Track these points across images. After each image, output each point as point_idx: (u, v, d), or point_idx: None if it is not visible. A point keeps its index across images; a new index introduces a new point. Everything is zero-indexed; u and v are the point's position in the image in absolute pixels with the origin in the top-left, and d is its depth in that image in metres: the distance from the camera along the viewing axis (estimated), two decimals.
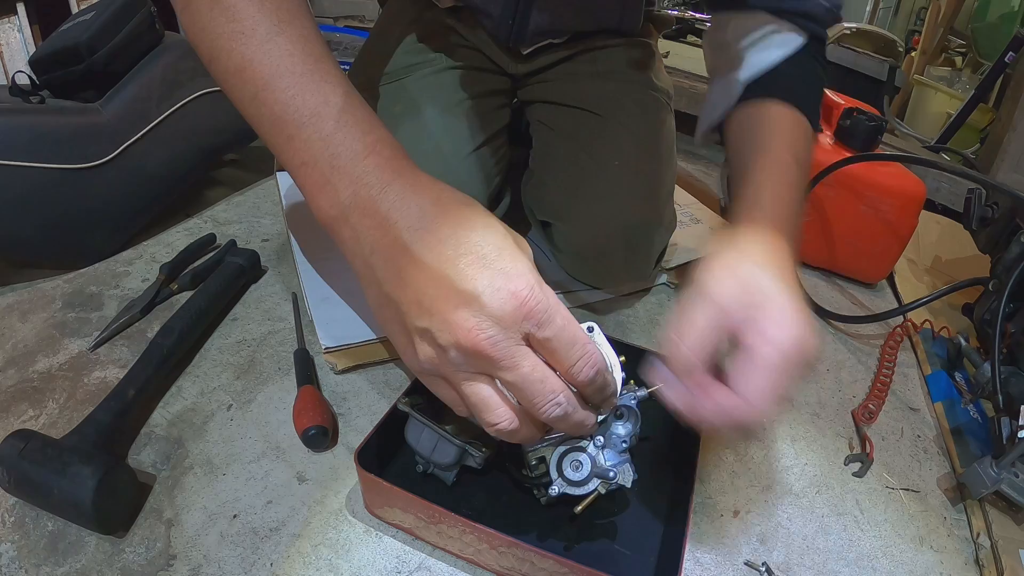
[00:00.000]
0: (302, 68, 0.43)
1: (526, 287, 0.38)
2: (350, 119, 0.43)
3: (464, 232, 0.39)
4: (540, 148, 0.83)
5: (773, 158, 0.55)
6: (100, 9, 0.82)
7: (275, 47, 0.43)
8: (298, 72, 0.43)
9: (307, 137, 0.43)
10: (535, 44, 0.79)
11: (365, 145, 0.43)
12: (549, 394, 0.39)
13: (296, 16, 0.44)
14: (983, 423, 0.71)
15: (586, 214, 0.75)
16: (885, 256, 0.94)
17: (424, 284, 0.39)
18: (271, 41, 0.43)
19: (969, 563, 0.58)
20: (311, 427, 0.56)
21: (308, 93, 0.43)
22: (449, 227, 0.40)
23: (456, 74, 0.78)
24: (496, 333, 0.38)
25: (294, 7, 0.44)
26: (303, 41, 0.43)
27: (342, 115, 0.43)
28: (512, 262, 0.39)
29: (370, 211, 0.41)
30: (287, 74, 0.42)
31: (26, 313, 0.70)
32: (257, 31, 0.42)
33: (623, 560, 0.51)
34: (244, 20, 0.43)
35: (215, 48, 0.44)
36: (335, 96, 0.43)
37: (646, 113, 0.80)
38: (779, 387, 0.40)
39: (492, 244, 0.39)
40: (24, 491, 0.49)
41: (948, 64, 1.95)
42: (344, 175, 0.42)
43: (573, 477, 0.48)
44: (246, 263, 0.76)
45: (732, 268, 0.44)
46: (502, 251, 0.39)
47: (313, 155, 0.43)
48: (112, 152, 0.77)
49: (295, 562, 0.49)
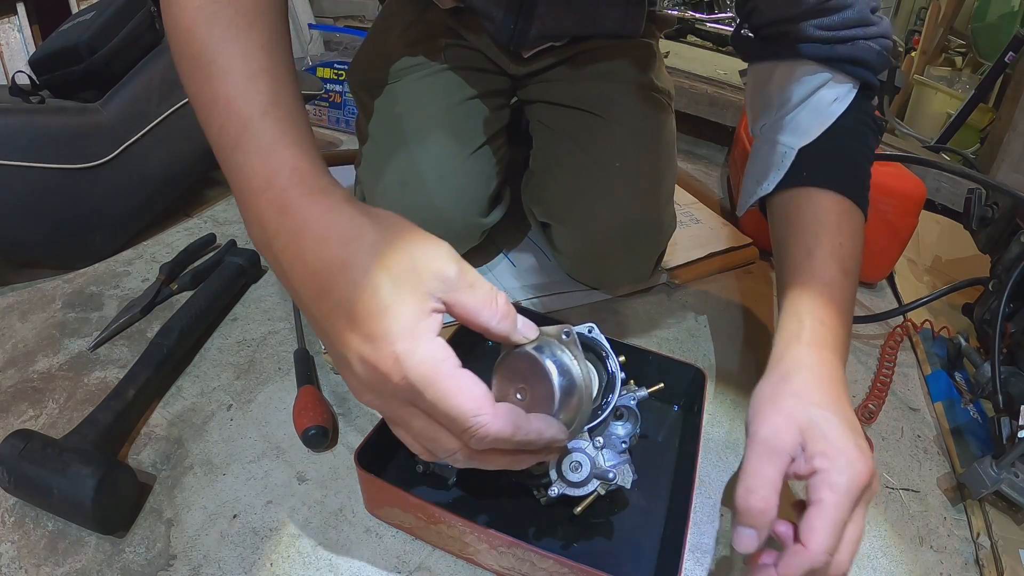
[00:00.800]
0: (238, 80, 0.39)
1: (388, 359, 0.33)
2: (250, 144, 0.38)
3: (338, 287, 0.35)
4: (540, 148, 0.83)
5: (818, 277, 0.53)
6: (100, 9, 0.82)
7: (216, 65, 0.39)
8: (233, 86, 0.39)
9: (226, 164, 0.39)
10: (536, 48, 0.79)
11: (263, 178, 0.38)
12: (444, 452, 0.37)
13: (247, 28, 0.40)
14: (983, 423, 0.71)
15: (586, 215, 0.75)
16: (885, 256, 0.94)
17: (318, 334, 0.38)
18: (217, 58, 0.40)
19: (969, 563, 0.58)
20: (311, 427, 0.56)
21: (229, 115, 0.39)
22: (324, 278, 0.35)
23: (456, 74, 0.78)
24: (374, 398, 0.36)
25: (245, 21, 0.40)
26: (243, 59, 0.39)
27: (240, 139, 0.38)
28: (380, 322, 0.33)
29: (269, 256, 0.38)
30: (221, 96, 0.39)
31: (26, 313, 0.70)
32: (203, 52, 0.39)
33: (623, 560, 0.51)
34: (195, 43, 0.40)
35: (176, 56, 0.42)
36: (240, 115, 0.39)
37: (647, 114, 0.80)
38: (844, 528, 0.40)
39: (362, 302, 0.34)
40: (24, 491, 0.49)
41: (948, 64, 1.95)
42: (248, 210, 0.39)
43: (572, 478, 0.48)
44: (246, 263, 0.76)
45: (789, 414, 0.44)
46: (370, 309, 0.34)
47: (232, 182, 0.39)
48: (112, 152, 0.78)
49: (295, 562, 0.49)
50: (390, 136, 0.75)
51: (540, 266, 0.87)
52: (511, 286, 0.81)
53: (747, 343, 0.81)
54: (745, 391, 0.73)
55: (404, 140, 0.74)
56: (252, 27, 0.40)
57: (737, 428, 0.68)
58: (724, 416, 0.69)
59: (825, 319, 0.51)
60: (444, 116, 0.76)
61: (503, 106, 0.83)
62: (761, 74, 0.66)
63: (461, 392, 0.34)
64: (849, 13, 0.56)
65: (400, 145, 0.74)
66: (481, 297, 0.36)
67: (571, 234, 0.77)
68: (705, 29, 1.73)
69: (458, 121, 0.76)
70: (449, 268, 0.35)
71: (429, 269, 0.35)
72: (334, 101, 1.24)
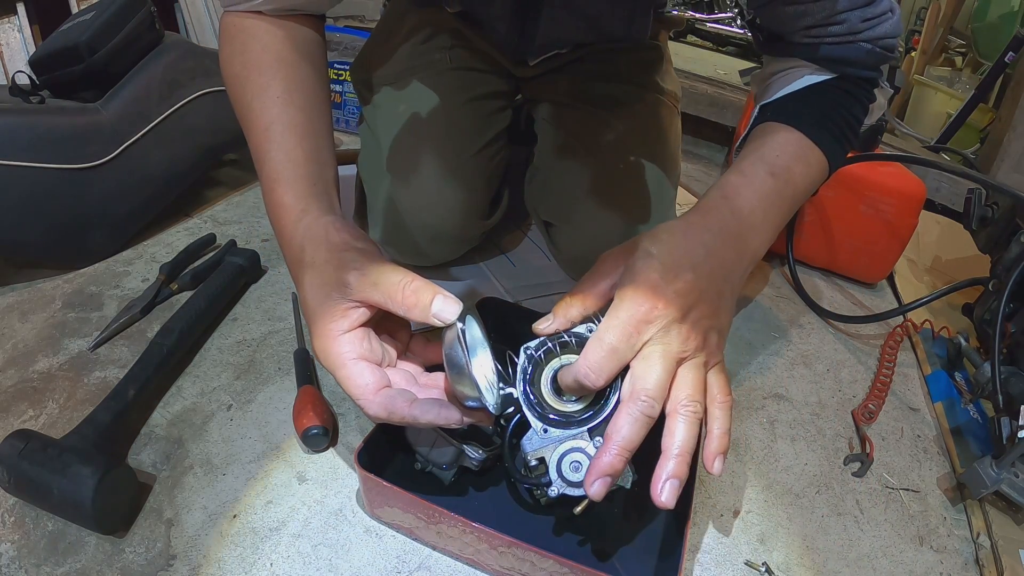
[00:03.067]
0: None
1: (318, 352, 0.46)
2: (283, 195, 0.51)
3: (303, 297, 0.48)
4: (544, 147, 0.83)
5: (738, 167, 0.54)
6: (100, 9, 0.82)
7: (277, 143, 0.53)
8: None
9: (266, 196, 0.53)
10: (542, 55, 0.79)
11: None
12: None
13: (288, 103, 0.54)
14: (983, 423, 0.71)
15: (590, 216, 0.75)
16: (885, 256, 0.94)
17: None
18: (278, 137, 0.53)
19: (969, 563, 0.58)
20: (311, 427, 0.56)
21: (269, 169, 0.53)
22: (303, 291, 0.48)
23: (460, 75, 0.78)
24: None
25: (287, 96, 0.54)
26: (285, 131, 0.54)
27: (276, 186, 0.52)
28: (312, 326, 0.46)
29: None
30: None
31: (26, 313, 0.70)
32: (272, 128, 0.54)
33: (623, 560, 0.51)
34: (264, 115, 0.54)
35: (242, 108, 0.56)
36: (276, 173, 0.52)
37: (653, 115, 0.79)
38: (615, 352, 0.43)
39: (310, 311, 0.46)
40: (24, 491, 0.49)
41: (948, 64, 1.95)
42: (280, 236, 0.52)
43: (572, 478, 0.47)
44: (246, 263, 0.76)
45: (622, 251, 0.50)
46: (313, 317, 0.46)
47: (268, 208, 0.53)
48: (112, 152, 0.78)
49: (295, 562, 0.49)
50: (393, 136, 0.75)
51: (540, 266, 0.87)
52: (511, 286, 0.81)
53: (747, 343, 0.81)
54: (746, 391, 0.73)
55: (407, 140, 0.74)
56: (291, 102, 0.54)
57: (737, 428, 0.68)
58: None
59: (727, 193, 0.51)
60: (448, 117, 0.75)
61: (506, 107, 0.83)
62: (764, 66, 0.66)
63: (350, 380, 0.44)
64: (837, 29, 0.56)
65: (403, 145, 0.74)
66: (386, 291, 0.44)
67: (574, 234, 0.77)
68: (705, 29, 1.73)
69: (462, 122, 0.76)
70: (349, 276, 0.44)
71: (336, 280, 0.45)
72: (334, 101, 1.24)
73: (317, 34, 0.60)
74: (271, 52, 0.55)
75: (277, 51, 0.55)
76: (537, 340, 0.51)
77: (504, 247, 0.89)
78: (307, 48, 0.58)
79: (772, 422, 0.69)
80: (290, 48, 0.56)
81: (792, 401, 0.73)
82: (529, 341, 0.52)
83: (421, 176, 0.73)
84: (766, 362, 0.78)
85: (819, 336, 0.85)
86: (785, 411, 0.71)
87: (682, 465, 0.43)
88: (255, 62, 0.55)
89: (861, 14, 0.54)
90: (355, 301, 0.45)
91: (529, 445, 0.48)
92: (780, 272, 0.98)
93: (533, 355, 0.50)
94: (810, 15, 0.54)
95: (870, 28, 0.55)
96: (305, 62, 0.56)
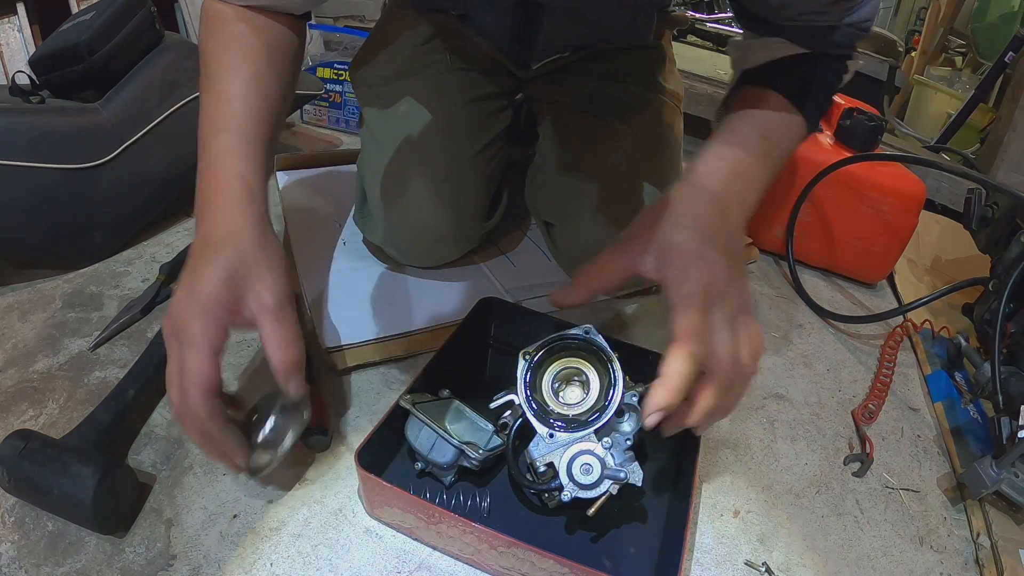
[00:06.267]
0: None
1: (181, 311, 0.46)
2: (213, 147, 0.52)
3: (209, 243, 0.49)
4: (546, 147, 0.83)
5: (730, 128, 0.56)
6: (100, 9, 0.82)
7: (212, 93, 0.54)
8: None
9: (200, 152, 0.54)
10: (543, 60, 0.78)
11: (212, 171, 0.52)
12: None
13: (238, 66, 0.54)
14: (983, 423, 0.71)
15: (590, 217, 0.75)
16: (885, 256, 0.94)
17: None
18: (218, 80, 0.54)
19: (969, 563, 0.58)
20: (311, 427, 0.56)
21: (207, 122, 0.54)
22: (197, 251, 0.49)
23: (461, 76, 0.78)
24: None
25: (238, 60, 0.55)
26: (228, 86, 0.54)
27: (208, 142, 0.53)
28: (193, 287, 0.46)
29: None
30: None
31: (26, 313, 0.70)
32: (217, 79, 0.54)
33: (623, 560, 0.51)
34: (209, 65, 0.55)
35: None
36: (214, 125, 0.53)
37: (655, 116, 0.79)
38: (706, 321, 0.44)
39: (204, 273, 0.46)
40: (24, 491, 0.49)
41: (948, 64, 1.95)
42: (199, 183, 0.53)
43: (584, 481, 0.48)
44: None
45: (648, 225, 0.49)
46: (202, 282, 0.46)
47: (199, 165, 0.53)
48: (112, 152, 0.77)
49: (295, 562, 0.49)
50: (394, 136, 0.75)
51: (540, 266, 0.87)
52: (511, 286, 0.81)
53: None
54: None
55: (408, 141, 0.74)
56: (243, 63, 0.54)
57: (737, 428, 0.68)
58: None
59: (724, 154, 0.53)
60: (449, 118, 0.75)
61: (506, 107, 0.83)
62: (744, 38, 0.67)
63: (197, 363, 0.44)
64: (819, 18, 0.57)
65: (403, 145, 0.74)
66: (280, 339, 0.47)
67: (574, 234, 0.77)
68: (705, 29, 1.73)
69: (462, 123, 0.76)
70: (272, 297, 0.47)
71: (257, 280, 0.47)
72: (334, 101, 1.24)
73: (293, 34, 0.59)
74: (243, 39, 0.56)
75: (249, 43, 0.56)
76: (535, 344, 0.51)
77: (504, 247, 0.89)
78: (278, 46, 0.58)
79: (772, 422, 0.69)
80: (260, 43, 0.56)
81: (792, 401, 0.73)
82: (527, 346, 0.52)
83: (421, 177, 0.73)
84: (766, 362, 0.78)
85: (819, 336, 0.85)
86: (785, 411, 0.71)
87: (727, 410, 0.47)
88: (227, 45, 0.55)
89: (843, 5, 0.56)
90: (253, 314, 0.46)
91: (536, 451, 0.48)
92: (780, 272, 0.98)
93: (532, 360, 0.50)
94: (795, 6, 0.55)
95: (850, 15, 0.57)
96: (268, 60, 0.56)
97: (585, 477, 0.47)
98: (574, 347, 0.52)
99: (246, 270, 0.47)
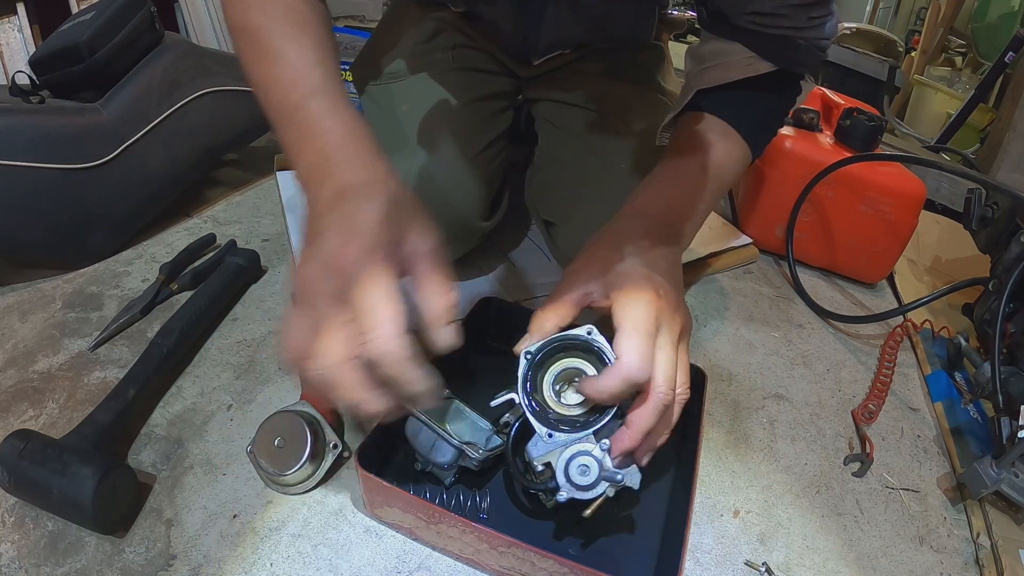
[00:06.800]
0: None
1: (342, 249, 0.42)
2: (307, 111, 0.49)
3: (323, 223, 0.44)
4: (546, 146, 0.83)
5: (675, 159, 0.60)
6: (100, 9, 0.82)
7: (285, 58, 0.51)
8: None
9: (284, 125, 0.49)
10: (546, 56, 0.78)
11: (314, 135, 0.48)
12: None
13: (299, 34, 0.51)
14: (983, 423, 0.71)
15: (591, 217, 0.75)
16: (885, 256, 0.94)
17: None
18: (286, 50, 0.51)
19: (969, 563, 0.58)
20: None
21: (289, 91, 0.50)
22: (329, 206, 0.45)
23: (463, 75, 0.78)
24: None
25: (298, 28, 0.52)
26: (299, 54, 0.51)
27: (298, 109, 0.49)
28: (350, 229, 0.42)
29: (303, 180, 0.48)
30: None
31: (26, 313, 0.70)
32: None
33: (623, 560, 0.51)
34: (261, 40, 0.51)
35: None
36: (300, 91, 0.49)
37: (654, 116, 0.80)
38: (643, 348, 0.45)
39: (336, 223, 0.43)
40: (24, 491, 0.49)
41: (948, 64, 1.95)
42: (297, 156, 0.48)
43: (581, 482, 0.47)
44: (246, 263, 0.76)
45: (594, 257, 0.52)
46: (356, 224, 0.43)
47: (285, 138, 0.49)
48: (112, 152, 0.78)
49: (295, 562, 0.49)
50: (395, 135, 0.75)
51: (540, 266, 0.87)
52: (511, 286, 0.81)
53: (747, 343, 0.81)
54: (746, 391, 0.73)
55: (409, 140, 0.74)
56: (303, 32, 0.51)
57: (738, 428, 0.68)
58: (724, 416, 0.69)
59: (664, 186, 0.57)
60: (450, 117, 0.75)
61: (507, 107, 0.83)
62: (701, 43, 0.68)
63: (382, 304, 0.40)
64: (782, 21, 0.57)
65: (404, 145, 0.74)
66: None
67: (574, 234, 0.77)
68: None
69: (464, 123, 0.76)
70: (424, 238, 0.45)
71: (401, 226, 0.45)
72: None
73: (323, 4, 0.58)
74: (293, 11, 0.53)
75: (300, 11, 0.53)
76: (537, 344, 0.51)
77: (504, 247, 0.89)
78: (322, 13, 0.56)
79: (772, 422, 0.69)
80: (309, 12, 0.54)
81: (792, 401, 0.73)
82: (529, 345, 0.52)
83: (422, 177, 0.73)
84: (766, 362, 0.78)
85: (819, 336, 0.85)
86: (785, 411, 0.71)
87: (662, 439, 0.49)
88: (277, 17, 0.52)
89: (808, 11, 0.56)
90: (408, 257, 0.43)
91: (535, 451, 0.48)
92: (780, 272, 0.98)
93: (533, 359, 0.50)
94: (759, 2, 0.56)
95: (812, 27, 0.58)
96: (323, 28, 0.54)
97: (582, 478, 0.47)
98: (575, 347, 0.52)
99: (400, 213, 0.44)
